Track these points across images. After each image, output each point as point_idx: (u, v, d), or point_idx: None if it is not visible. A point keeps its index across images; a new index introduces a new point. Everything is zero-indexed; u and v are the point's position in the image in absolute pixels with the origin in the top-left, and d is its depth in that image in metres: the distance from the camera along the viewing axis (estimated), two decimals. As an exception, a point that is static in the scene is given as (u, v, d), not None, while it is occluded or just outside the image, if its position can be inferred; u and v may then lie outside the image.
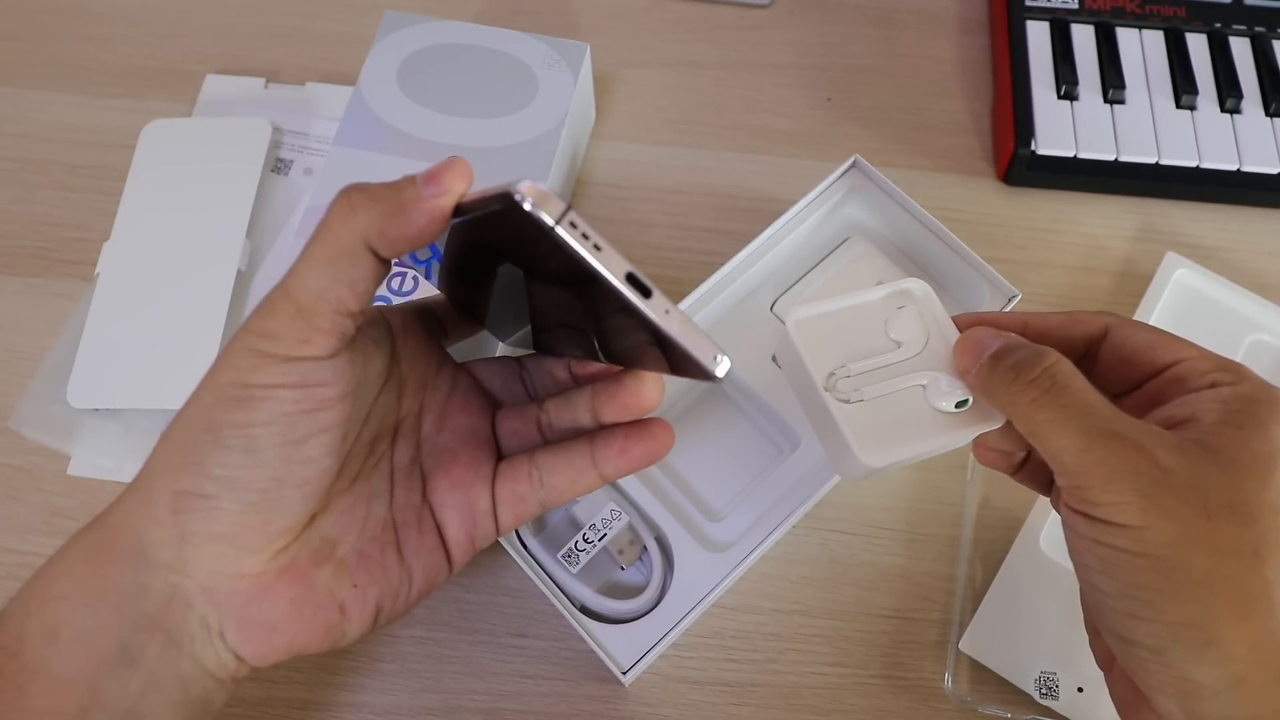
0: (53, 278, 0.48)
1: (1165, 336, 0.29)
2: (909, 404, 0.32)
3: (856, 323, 0.34)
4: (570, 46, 0.48)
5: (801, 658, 0.41)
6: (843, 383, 0.32)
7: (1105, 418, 0.26)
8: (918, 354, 0.33)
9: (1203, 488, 0.25)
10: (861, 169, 0.45)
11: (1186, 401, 0.27)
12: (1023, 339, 0.30)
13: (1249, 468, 0.25)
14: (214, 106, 0.52)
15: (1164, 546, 0.25)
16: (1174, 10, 0.54)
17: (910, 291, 0.34)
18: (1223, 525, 0.24)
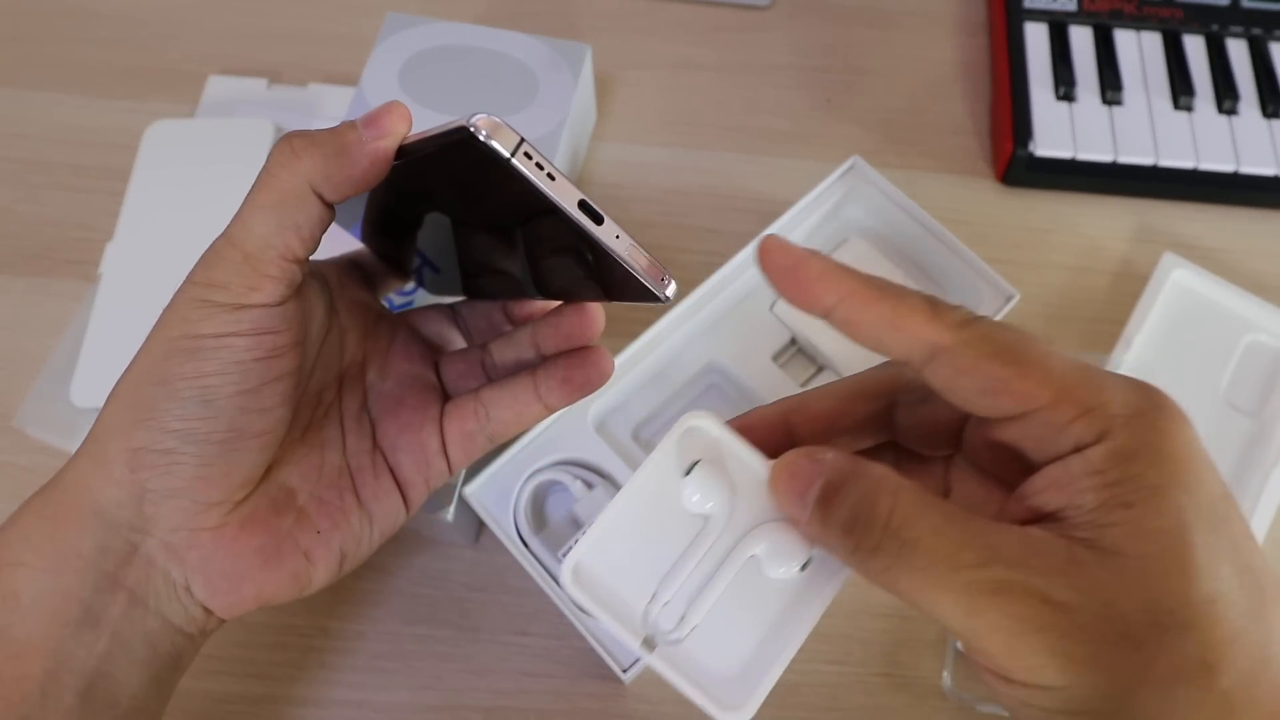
0: (56, 278, 0.48)
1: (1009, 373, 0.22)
2: (751, 592, 0.25)
3: (648, 523, 0.25)
4: (571, 48, 0.48)
5: (800, 655, 0.40)
6: (663, 618, 0.25)
7: (977, 565, 0.21)
8: (731, 517, 0.25)
9: (1117, 615, 0.20)
10: (860, 170, 0.45)
11: (1057, 481, 0.22)
12: (845, 465, 0.23)
13: (1159, 560, 0.20)
14: (217, 107, 0.52)
15: (1101, 700, 0.20)
16: (1171, 12, 0.54)
17: (689, 437, 0.26)
18: (1156, 651, 0.20)
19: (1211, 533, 0.21)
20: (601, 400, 0.41)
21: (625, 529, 0.25)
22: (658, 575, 0.25)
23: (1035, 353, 0.22)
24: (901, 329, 0.23)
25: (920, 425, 0.27)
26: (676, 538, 0.25)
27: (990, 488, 0.26)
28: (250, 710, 0.39)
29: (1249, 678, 0.20)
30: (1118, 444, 0.21)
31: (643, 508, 0.25)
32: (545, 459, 0.40)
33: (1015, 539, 0.21)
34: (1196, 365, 0.46)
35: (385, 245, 0.35)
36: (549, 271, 0.29)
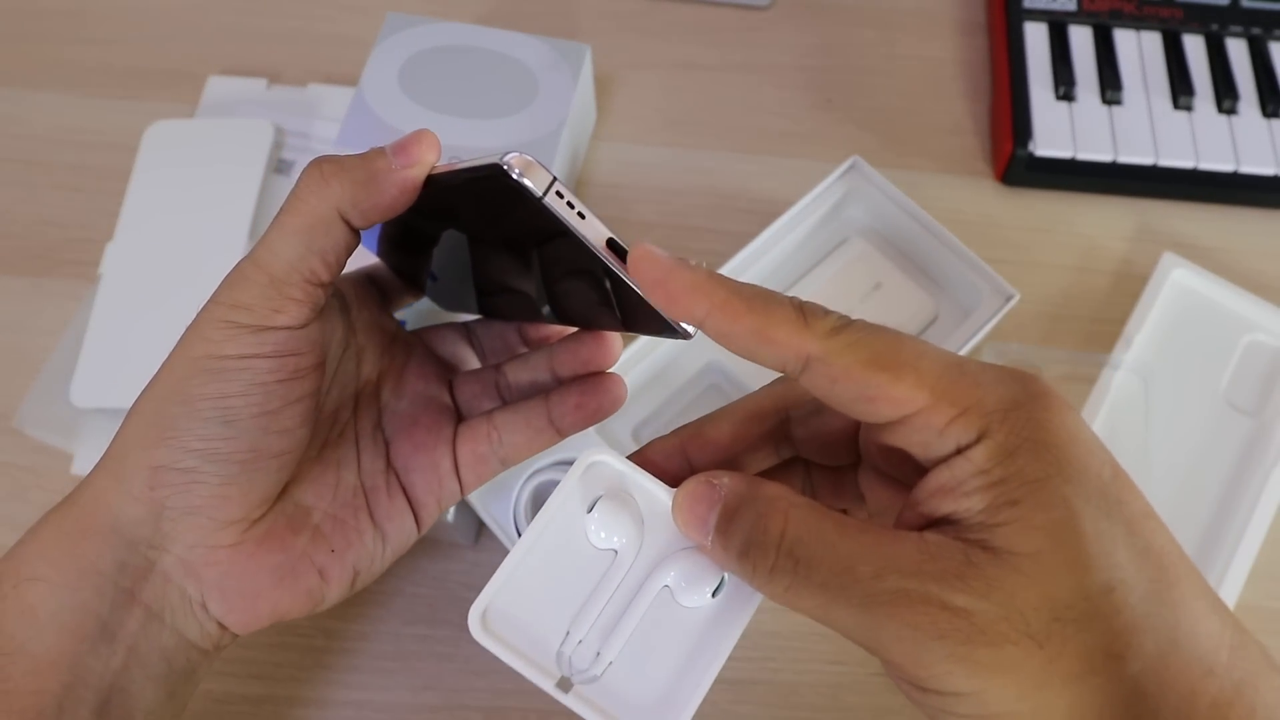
0: (56, 278, 0.48)
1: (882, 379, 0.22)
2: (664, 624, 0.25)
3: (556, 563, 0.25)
4: (571, 48, 0.48)
5: (800, 655, 0.41)
6: (578, 656, 0.24)
7: (873, 576, 0.21)
8: (640, 549, 0.25)
9: (1017, 614, 0.20)
10: (860, 170, 0.46)
11: (944, 485, 0.22)
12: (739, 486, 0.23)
13: (1050, 555, 0.20)
14: (216, 107, 0.52)
15: (1012, 702, 0.20)
16: (1171, 12, 0.54)
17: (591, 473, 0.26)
18: (1059, 646, 0.20)
19: (1104, 519, 0.20)
20: (601, 400, 0.41)
21: (533, 570, 0.25)
22: (570, 614, 0.25)
23: (907, 355, 0.22)
24: (771, 341, 0.22)
25: (815, 437, 0.27)
26: (586, 574, 0.25)
27: (897, 491, 0.26)
28: (251, 710, 0.39)
29: (1157, 661, 0.20)
30: (997, 441, 0.21)
31: (550, 547, 0.25)
32: (545, 459, 0.40)
33: (911, 547, 0.21)
34: (1196, 365, 0.46)
35: (401, 260, 0.35)
36: (567, 298, 0.29)
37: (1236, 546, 0.41)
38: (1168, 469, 0.43)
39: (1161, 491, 0.43)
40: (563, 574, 0.25)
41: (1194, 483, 0.43)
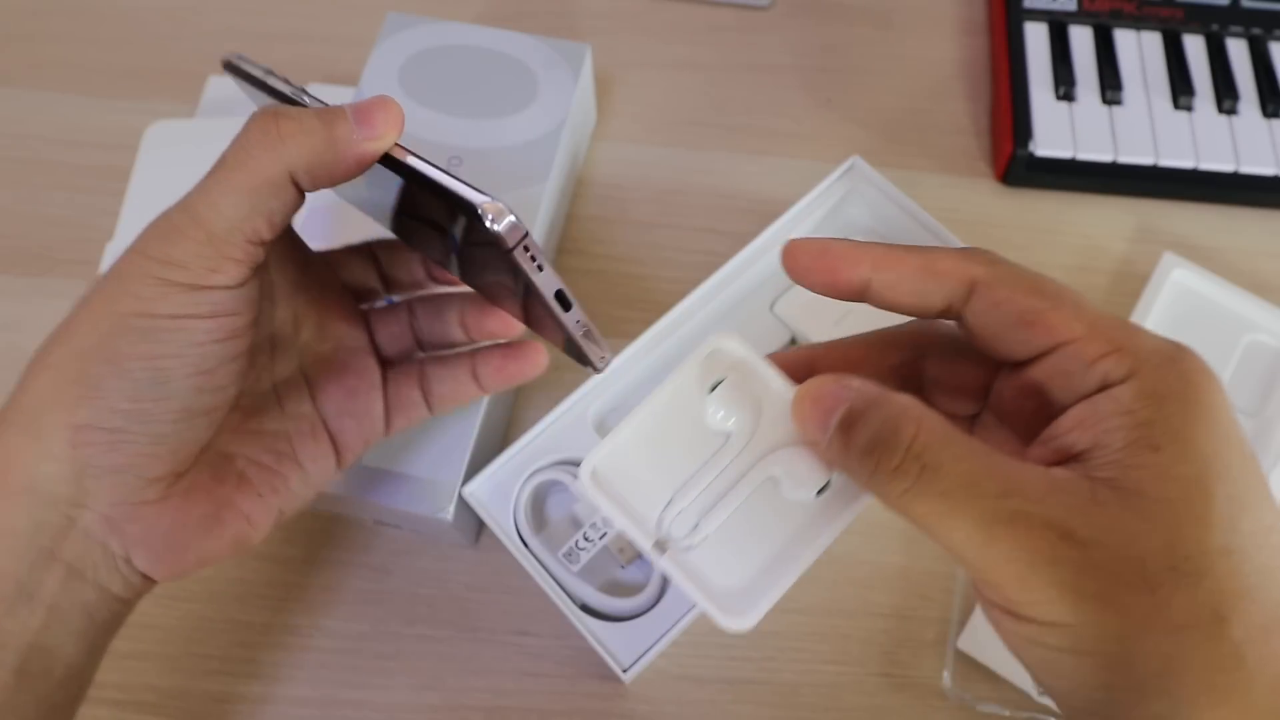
0: (57, 277, 0.48)
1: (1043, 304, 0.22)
2: (764, 512, 0.25)
3: (670, 434, 0.26)
4: (571, 47, 0.48)
5: (800, 656, 0.41)
6: (676, 526, 0.25)
7: (999, 495, 0.21)
8: (753, 437, 0.26)
9: (1136, 555, 0.20)
10: (860, 170, 0.45)
11: (1084, 421, 0.22)
12: (872, 392, 0.23)
13: (1181, 505, 0.20)
14: (217, 107, 0.52)
15: (1110, 641, 0.20)
16: (1171, 12, 0.54)
17: (715, 357, 0.26)
18: (1169, 595, 0.20)
19: (1235, 487, 0.20)
20: (601, 400, 0.41)
21: (645, 439, 0.26)
22: (674, 485, 0.25)
23: (1065, 291, 0.23)
24: (938, 273, 0.23)
25: (950, 379, 0.27)
26: (696, 452, 0.26)
27: (1016, 446, 0.25)
28: (251, 710, 0.39)
29: (1261, 633, 0.20)
30: (1146, 385, 0.21)
31: (664, 420, 0.26)
32: (545, 459, 0.40)
33: (1038, 475, 0.21)
34: (1196, 365, 0.46)
35: None
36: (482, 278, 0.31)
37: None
38: (1168, 469, 0.43)
39: (1162, 491, 0.43)
40: (674, 446, 0.26)
41: None
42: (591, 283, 0.49)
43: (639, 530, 0.25)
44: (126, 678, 0.40)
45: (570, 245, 0.50)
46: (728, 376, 0.26)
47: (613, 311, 0.48)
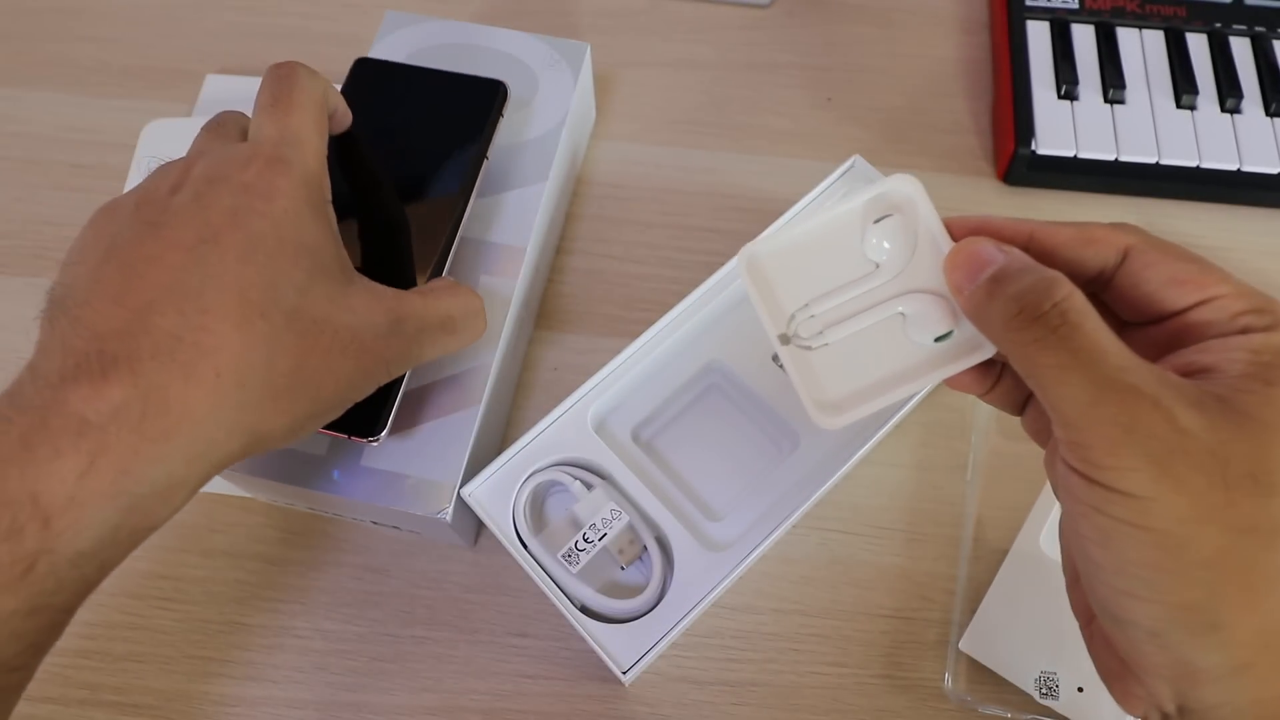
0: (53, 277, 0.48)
1: (1194, 268, 0.25)
2: (883, 341, 0.28)
3: (828, 247, 0.28)
4: (570, 46, 0.48)
5: (801, 657, 0.41)
6: (804, 326, 0.28)
7: (1120, 367, 0.23)
8: (898, 274, 0.28)
9: (1223, 455, 0.22)
10: (861, 169, 0.45)
11: (1209, 347, 0.24)
12: (1028, 260, 0.26)
13: (1274, 430, 0.22)
14: (214, 106, 0.51)
15: (1174, 522, 0.22)
16: (1174, 10, 0.54)
17: (892, 196, 0.28)
18: (1241, 498, 0.21)
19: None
20: (601, 400, 0.41)
21: (803, 248, 0.29)
22: (814, 291, 0.28)
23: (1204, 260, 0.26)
24: (1094, 240, 0.26)
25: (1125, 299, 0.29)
26: (844, 271, 0.28)
27: None
28: (249, 713, 0.39)
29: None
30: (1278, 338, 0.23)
31: (825, 236, 0.28)
32: (544, 459, 0.40)
33: (1159, 370, 0.23)
34: (1199, 365, 0.45)
35: None
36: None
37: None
38: (1170, 470, 0.43)
39: (1164, 492, 0.42)
40: (827, 260, 0.28)
41: None
42: (591, 283, 0.49)
43: (771, 320, 0.29)
44: (124, 680, 0.40)
45: (570, 245, 0.50)
46: (894, 214, 0.28)
47: (613, 311, 0.48)
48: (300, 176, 0.30)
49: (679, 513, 0.40)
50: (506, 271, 0.42)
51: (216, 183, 0.29)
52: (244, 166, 0.29)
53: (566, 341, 0.47)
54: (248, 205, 0.28)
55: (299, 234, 0.29)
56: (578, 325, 0.48)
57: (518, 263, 0.43)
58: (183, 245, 0.28)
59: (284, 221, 0.29)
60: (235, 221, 0.28)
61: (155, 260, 0.27)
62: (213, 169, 0.30)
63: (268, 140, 0.31)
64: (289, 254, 0.29)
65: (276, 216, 0.29)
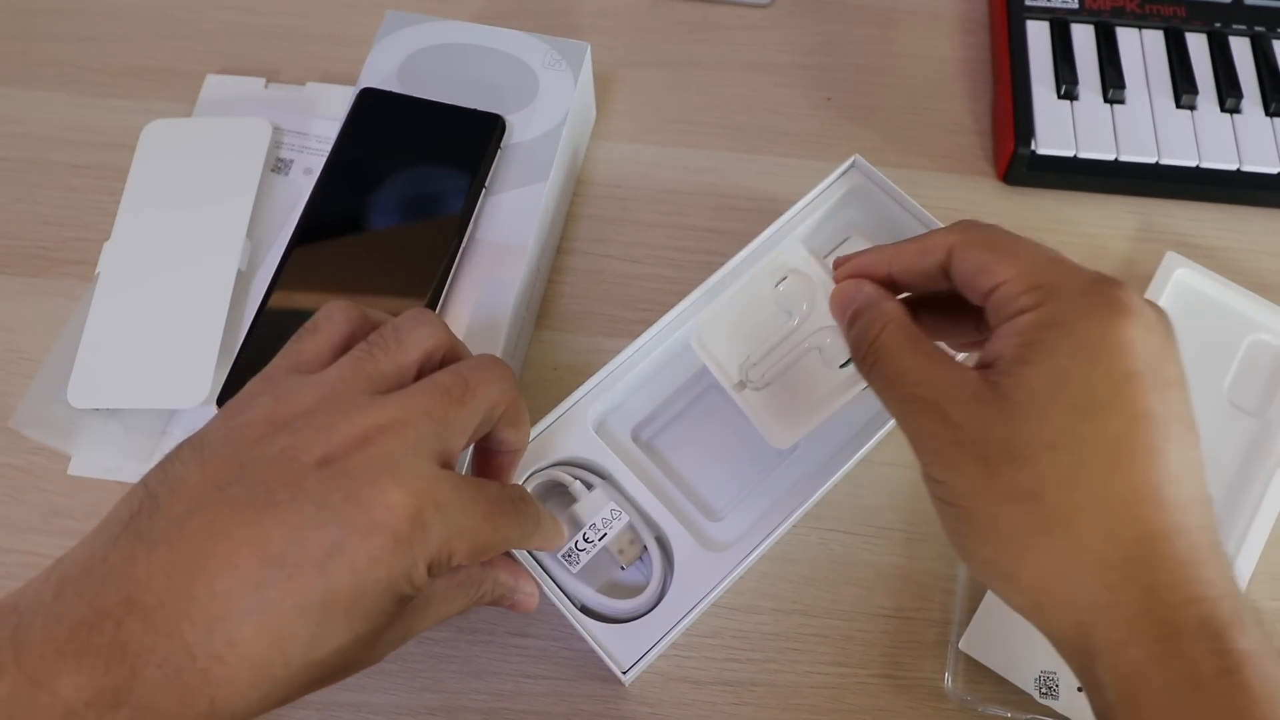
0: (53, 277, 0.48)
1: (990, 256, 0.28)
2: (811, 371, 0.36)
3: (751, 311, 0.37)
4: (571, 46, 0.48)
5: (801, 657, 0.41)
6: (753, 372, 0.36)
7: (914, 383, 0.28)
8: (806, 319, 0.36)
9: (985, 438, 0.26)
10: (861, 169, 0.45)
11: (998, 334, 0.28)
12: (873, 296, 0.31)
13: (1025, 408, 0.26)
14: (214, 106, 0.52)
15: (960, 498, 0.27)
16: (1174, 10, 0.54)
17: (784, 260, 0.36)
18: (1002, 472, 0.26)
19: (1082, 399, 0.26)
20: (601, 401, 0.41)
21: (733, 317, 0.37)
22: (752, 348, 0.37)
23: (1018, 244, 0.29)
24: (927, 249, 0.30)
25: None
26: (770, 326, 0.36)
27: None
28: (248, 712, 0.39)
29: (1071, 510, 0.26)
30: (1046, 314, 0.27)
31: (747, 304, 0.37)
32: (545, 459, 0.40)
33: (951, 375, 0.28)
34: (1199, 365, 0.45)
35: None
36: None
37: (1240, 547, 0.41)
38: (1170, 469, 0.43)
39: (1164, 492, 0.42)
40: (752, 321, 0.37)
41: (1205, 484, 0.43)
42: (591, 283, 0.49)
43: (724, 376, 0.37)
44: (124, 680, 0.40)
45: (570, 245, 0.50)
46: (789, 275, 0.36)
47: (613, 311, 0.48)
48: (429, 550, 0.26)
49: (679, 513, 0.40)
50: (506, 271, 0.42)
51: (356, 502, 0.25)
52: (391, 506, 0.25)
53: (566, 341, 0.47)
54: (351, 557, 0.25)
55: (377, 606, 0.26)
56: (578, 325, 0.48)
57: (518, 263, 0.43)
58: (262, 553, 0.24)
59: (367, 592, 0.25)
60: (324, 566, 0.24)
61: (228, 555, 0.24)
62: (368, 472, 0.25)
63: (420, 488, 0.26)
64: (351, 621, 0.25)
65: (367, 584, 0.25)
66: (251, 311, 0.42)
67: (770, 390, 0.36)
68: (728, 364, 0.37)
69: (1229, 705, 0.24)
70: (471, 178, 0.43)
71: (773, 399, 0.36)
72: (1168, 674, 0.24)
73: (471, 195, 0.43)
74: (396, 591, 0.26)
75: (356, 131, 0.45)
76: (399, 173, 0.44)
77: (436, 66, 0.47)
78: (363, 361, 0.28)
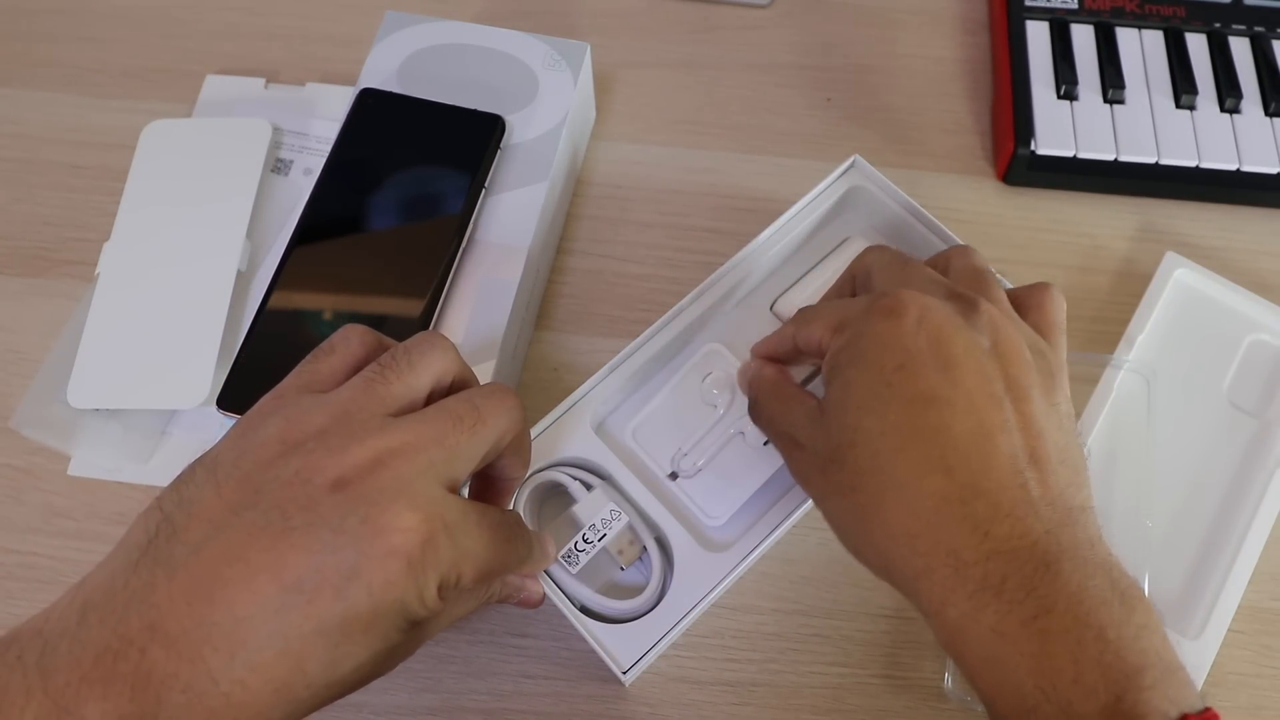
0: (53, 278, 0.48)
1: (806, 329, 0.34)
2: (738, 453, 0.41)
3: (680, 404, 0.41)
4: (570, 46, 0.48)
5: (801, 658, 0.41)
6: (684, 462, 0.40)
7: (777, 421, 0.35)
8: (730, 408, 0.41)
9: (818, 450, 0.32)
10: (861, 169, 0.45)
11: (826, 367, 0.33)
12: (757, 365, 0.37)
13: (831, 418, 0.31)
14: (214, 107, 0.52)
15: (819, 500, 0.33)
16: (1173, 10, 0.54)
17: (708, 356, 0.42)
18: (829, 476, 0.31)
19: (861, 400, 0.30)
20: (600, 401, 0.41)
21: (665, 415, 0.42)
22: (682, 438, 0.41)
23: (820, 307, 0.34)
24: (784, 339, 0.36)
25: None
26: (698, 419, 0.41)
27: None
28: (248, 713, 0.39)
29: (877, 495, 0.29)
30: (839, 340, 0.32)
31: (676, 400, 0.42)
32: (544, 460, 0.40)
33: (798, 409, 0.34)
34: (1199, 365, 0.45)
35: None
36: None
37: (1240, 547, 0.41)
38: (1171, 469, 0.43)
39: (1165, 492, 0.42)
40: (682, 416, 0.42)
41: (1197, 483, 0.43)
42: (591, 283, 0.49)
43: (658, 466, 0.41)
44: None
45: (570, 245, 0.50)
46: (713, 371, 0.42)
47: (613, 311, 0.48)
48: (441, 571, 0.26)
49: (678, 513, 0.40)
50: (506, 271, 0.42)
51: (372, 525, 0.25)
52: (404, 530, 0.25)
53: (566, 341, 0.47)
54: (367, 581, 0.25)
55: (394, 627, 0.26)
56: (578, 325, 0.48)
57: (517, 263, 0.43)
58: (280, 579, 0.24)
59: (384, 613, 0.25)
60: (342, 590, 0.25)
61: (247, 581, 0.24)
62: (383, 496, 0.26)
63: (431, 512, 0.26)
64: (370, 641, 0.26)
65: (384, 605, 0.25)
66: (251, 312, 0.42)
67: (703, 476, 0.40)
68: (662, 454, 0.41)
69: (1035, 651, 0.26)
70: (471, 178, 0.43)
71: (707, 484, 0.40)
72: (979, 629, 0.27)
73: (471, 195, 0.43)
74: (410, 613, 0.26)
75: (356, 132, 0.45)
76: (399, 173, 0.44)
77: (436, 67, 0.47)
78: (374, 382, 0.28)
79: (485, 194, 0.44)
